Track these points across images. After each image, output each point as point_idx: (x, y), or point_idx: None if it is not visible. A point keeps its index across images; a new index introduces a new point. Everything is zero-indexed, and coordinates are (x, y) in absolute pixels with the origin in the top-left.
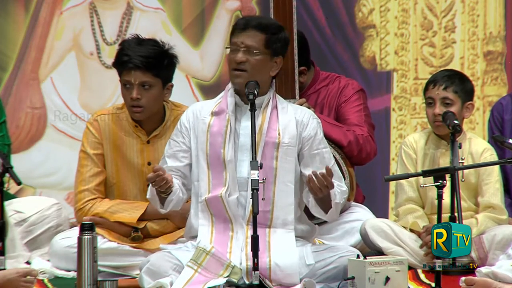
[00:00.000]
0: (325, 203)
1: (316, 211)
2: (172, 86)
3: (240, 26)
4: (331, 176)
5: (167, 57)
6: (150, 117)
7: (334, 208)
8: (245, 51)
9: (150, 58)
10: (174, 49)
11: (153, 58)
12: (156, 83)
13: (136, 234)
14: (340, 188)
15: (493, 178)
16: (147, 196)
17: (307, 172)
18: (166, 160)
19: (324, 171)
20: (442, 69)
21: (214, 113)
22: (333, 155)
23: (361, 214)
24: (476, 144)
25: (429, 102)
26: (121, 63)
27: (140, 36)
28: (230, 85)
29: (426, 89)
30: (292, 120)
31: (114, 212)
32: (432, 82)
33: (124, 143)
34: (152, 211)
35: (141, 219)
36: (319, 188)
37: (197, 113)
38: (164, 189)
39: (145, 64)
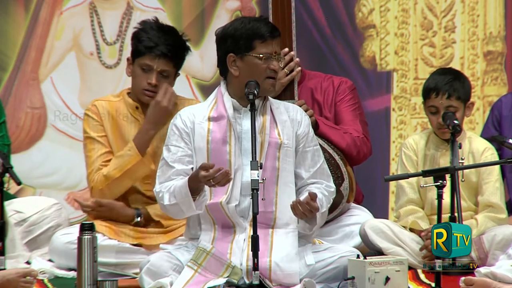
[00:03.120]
0: (310, 219)
1: (301, 227)
2: (179, 75)
3: (272, 34)
4: (315, 199)
5: (186, 49)
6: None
7: (320, 218)
8: (279, 58)
9: (176, 48)
10: (189, 40)
11: (178, 49)
12: (172, 73)
13: (139, 221)
14: (328, 189)
15: (493, 177)
16: (171, 202)
17: (299, 170)
18: (172, 165)
19: (306, 196)
20: (437, 68)
21: (212, 119)
22: (333, 156)
23: (361, 217)
24: (477, 143)
25: (433, 111)
26: (147, 48)
27: (159, 21)
28: (223, 88)
29: (427, 97)
30: (288, 120)
31: (117, 168)
32: (434, 90)
33: (123, 127)
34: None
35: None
36: (304, 214)
37: (192, 118)
38: (225, 183)
39: (172, 53)
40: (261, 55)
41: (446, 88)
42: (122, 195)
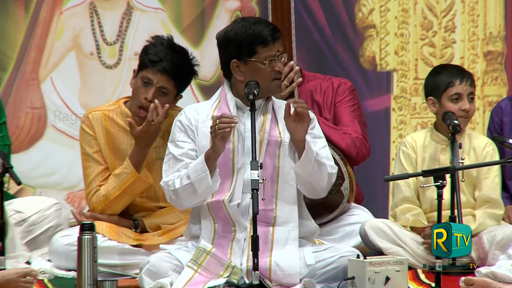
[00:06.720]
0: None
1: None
2: (181, 97)
3: (274, 36)
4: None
5: (192, 73)
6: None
7: (311, 154)
8: (282, 57)
9: (180, 68)
10: (199, 65)
11: (183, 70)
12: (172, 92)
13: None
14: (329, 162)
15: (493, 172)
16: (183, 183)
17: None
18: (181, 159)
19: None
20: (437, 66)
21: (216, 118)
22: (333, 156)
23: (361, 217)
24: (477, 139)
25: (455, 98)
26: (151, 61)
27: (172, 40)
28: (227, 88)
29: (450, 85)
30: None
31: (116, 186)
32: (458, 77)
33: (117, 138)
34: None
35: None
36: (295, 116)
37: (196, 116)
38: (223, 140)
39: (174, 71)
40: (264, 61)
41: (468, 75)
42: None
